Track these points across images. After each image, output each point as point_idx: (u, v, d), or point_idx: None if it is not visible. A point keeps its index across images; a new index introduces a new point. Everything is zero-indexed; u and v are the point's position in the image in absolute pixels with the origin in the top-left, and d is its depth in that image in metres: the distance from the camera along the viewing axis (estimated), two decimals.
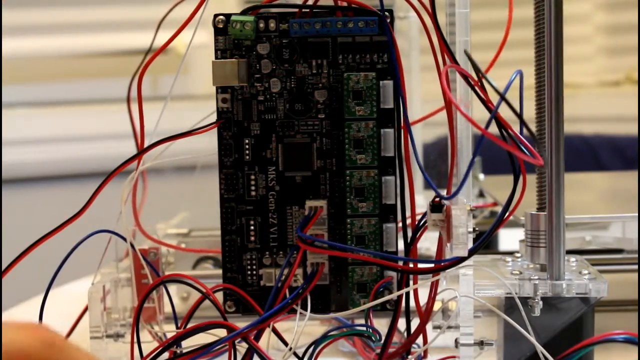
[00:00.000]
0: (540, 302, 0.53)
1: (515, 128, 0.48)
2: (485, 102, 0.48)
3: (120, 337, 0.62)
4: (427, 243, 0.82)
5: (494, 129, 0.47)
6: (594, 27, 1.92)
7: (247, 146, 0.56)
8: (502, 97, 0.44)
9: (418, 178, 0.93)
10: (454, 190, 0.50)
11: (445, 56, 0.52)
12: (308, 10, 0.55)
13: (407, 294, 0.54)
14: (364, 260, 0.56)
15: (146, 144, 0.56)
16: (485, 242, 0.49)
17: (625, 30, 1.84)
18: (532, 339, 0.51)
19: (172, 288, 0.64)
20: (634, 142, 1.56)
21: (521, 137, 0.45)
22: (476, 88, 0.48)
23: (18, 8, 1.71)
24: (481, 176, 0.92)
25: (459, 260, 0.50)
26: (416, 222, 0.54)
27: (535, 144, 0.47)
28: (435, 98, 0.55)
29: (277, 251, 0.57)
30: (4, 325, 0.35)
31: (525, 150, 0.47)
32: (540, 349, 0.50)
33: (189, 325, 0.53)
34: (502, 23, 0.58)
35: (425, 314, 0.53)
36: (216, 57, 0.56)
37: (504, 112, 0.47)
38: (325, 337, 0.53)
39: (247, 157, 0.56)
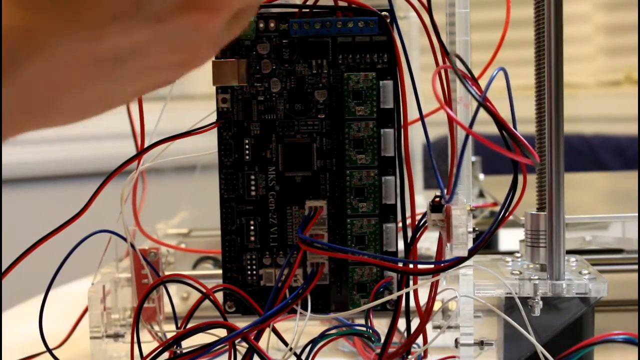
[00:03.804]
0: (540, 302, 0.53)
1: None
2: (483, 102, 0.48)
3: (120, 337, 0.62)
4: (427, 243, 0.82)
5: (493, 128, 0.47)
6: (594, 27, 1.92)
7: (247, 146, 0.56)
8: (480, 104, 0.44)
9: (418, 178, 0.93)
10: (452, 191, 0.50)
11: (443, 56, 0.52)
12: (308, 10, 0.55)
13: (407, 294, 0.54)
14: (364, 261, 0.56)
15: (146, 144, 0.56)
16: (484, 243, 0.49)
17: (625, 30, 1.84)
18: (532, 339, 0.51)
19: (172, 288, 0.64)
20: (634, 142, 1.56)
21: (519, 136, 0.45)
22: (473, 88, 0.48)
23: None
24: (481, 176, 0.92)
25: (458, 261, 0.50)
26: (416, 222, 0.54)
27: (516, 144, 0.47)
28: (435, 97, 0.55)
29: (277, 251, 0.57)
30: None
31: (523, 150, 0.47)
32: (540, 349, 0.50)
33: (189, 325, 0.53)
34: (502, 23, 0.58)
35: (425, 314, 0.53)
36: (216, 57, 0.56)
37: (504, 110, 0.47)
38: (323, 336, 0.53)
39: (247, 157, 0.56)
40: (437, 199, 0.52)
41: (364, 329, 0.55)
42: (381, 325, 0.56)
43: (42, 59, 0.34)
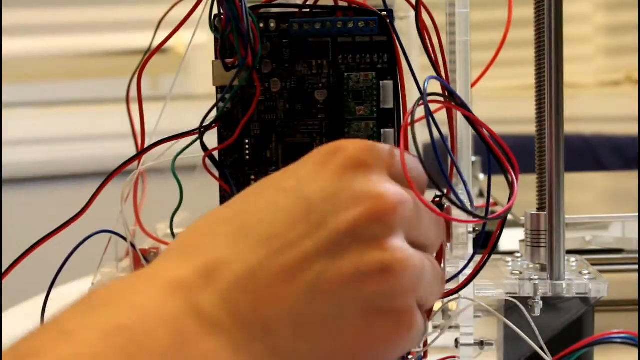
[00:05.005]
0: (540, 302, 0.53)
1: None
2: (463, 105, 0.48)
3: None
4: None
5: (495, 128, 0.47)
6: (594, 27, 1.92)
7: (247, 146, 0.56)
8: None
9: None
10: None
11: (444, 55, 0.52)
12: (308, 10, 0.55)
13: None
14: None
15: (146, 144, 0.56)
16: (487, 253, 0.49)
17: (625, 30, 1.84)
18: (530, 341, 0.50)
19: None
20: (634, 142, 1.56)
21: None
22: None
23: (18, 8, 1.71)
24: (481, 176, 0.92)
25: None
26: None
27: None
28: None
29: None
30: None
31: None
32: (538, 350, 0.50)
33: None
34: (502, 23, 0.58)
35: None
36: (216, 57, 0.56)
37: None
38: None
39: (247, 157, 0.56)
40: (437, 199, 0.52)
41: None
42: None
43: None
